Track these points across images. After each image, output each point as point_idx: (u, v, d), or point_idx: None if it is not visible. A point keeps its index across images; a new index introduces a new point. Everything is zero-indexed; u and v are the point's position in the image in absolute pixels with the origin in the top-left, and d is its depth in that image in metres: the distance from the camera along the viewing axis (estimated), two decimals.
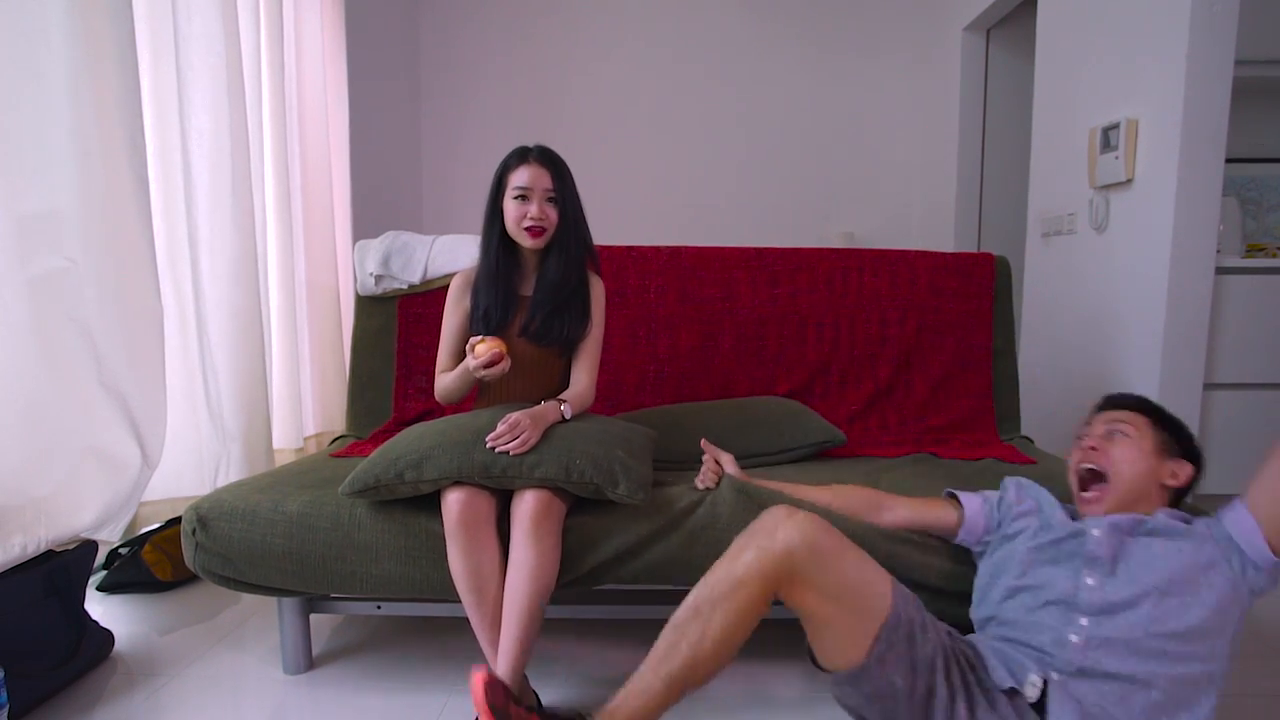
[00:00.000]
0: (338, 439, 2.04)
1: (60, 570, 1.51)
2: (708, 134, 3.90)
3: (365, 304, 2.11)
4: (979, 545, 1.33)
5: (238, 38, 2.03)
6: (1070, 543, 1.15)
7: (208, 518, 1.42)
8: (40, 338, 1.52)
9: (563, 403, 1.48)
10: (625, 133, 3.89)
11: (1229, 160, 2.08)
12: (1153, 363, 2.15)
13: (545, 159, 1.56)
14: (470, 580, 1.31)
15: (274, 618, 1.73)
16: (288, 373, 2.42)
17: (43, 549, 1.51)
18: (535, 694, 1.36)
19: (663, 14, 3.84)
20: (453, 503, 1.33)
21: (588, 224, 1.63)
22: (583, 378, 1.60)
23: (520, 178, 1.54)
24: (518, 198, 1.54)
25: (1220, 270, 2.15)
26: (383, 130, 3.42)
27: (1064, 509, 1.25)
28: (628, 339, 2.10)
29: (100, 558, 1.76)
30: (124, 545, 1.96)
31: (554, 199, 1.55)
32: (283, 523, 1.40)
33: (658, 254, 2.14)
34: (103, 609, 1.83)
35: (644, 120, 3.89)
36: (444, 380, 1.59)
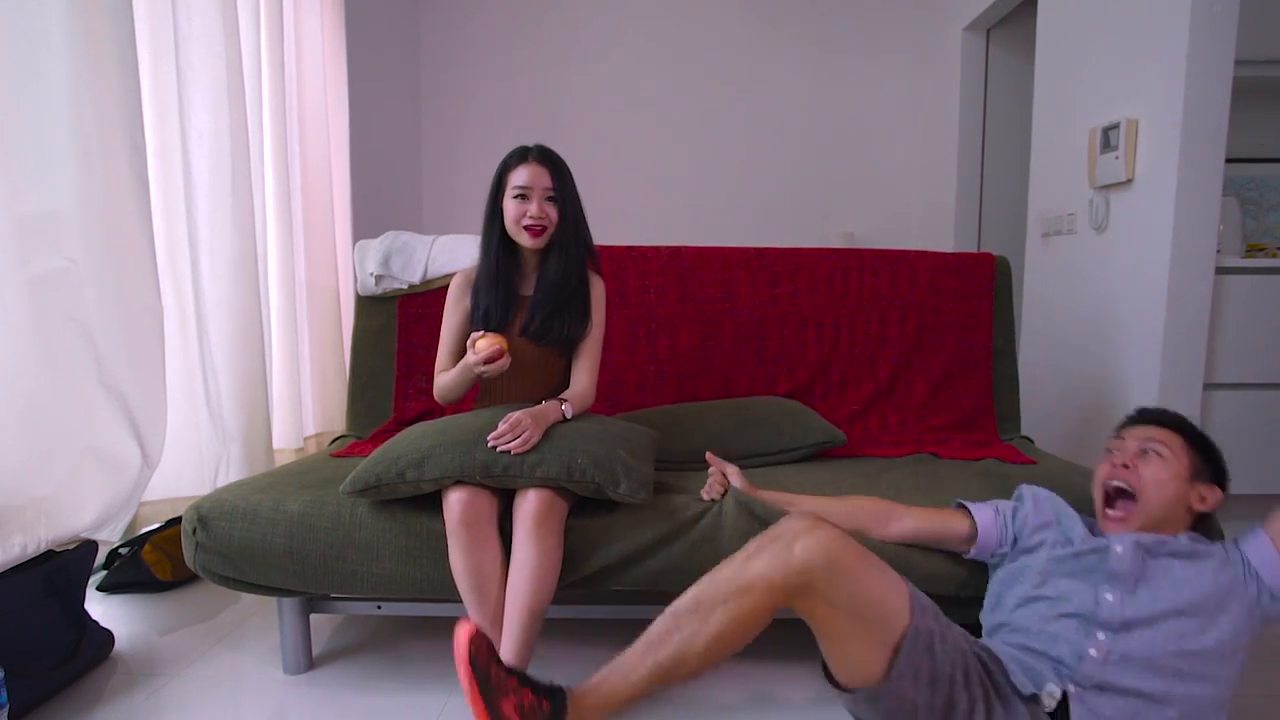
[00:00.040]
0: (338, 439, 2.04)
1: (60, 570, 1.51)
2: (708, 134, 3.90)
3: (365, 304, 2.11)
4: (992, 559, 1.32)
5: (238, 38, 2.03)
6: (1091, 558, 1.14)
7: (208, 517, 1.42)
8: (40, 338, 1.52)
9: (564, 402, 1.48)
10: (625, 133, 3.89)
11: (1229, 160, 2.08)
12: (1153, 363, 2.15)
13: (545, 158, 1.56)
14: (472, 580, 1.31)
15: (274, 618, 1.73)
16: (288, 373, 2.42)
17: (43, 549, 1.51)
18: None
19: (663, 14, 3.84)
20: (454, 502, 1.33)
21: (588, 224, 1.63)
22: (583, 378, 1.60)
23: (520, 177, 1.54)
24: (517, 197, 1.54)
25: (1220, 270, 2.15)
26: (383, 130, 3.42)
27: (1084, 522, 1.24)
28: (628, 339, 2.10)
29: (100, 558, 1.76)
30: (124, 545, 1.96)
31: (554, 198, 1.55)
32: (284, 522, 1.40)
33: (658, 254, 2.14)
34: (103, 609, 1.82)
35: (644, 120, 3.89)
36: (443, 379, 1.59)
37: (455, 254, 2.07)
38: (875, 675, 1.01)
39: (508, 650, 1.26)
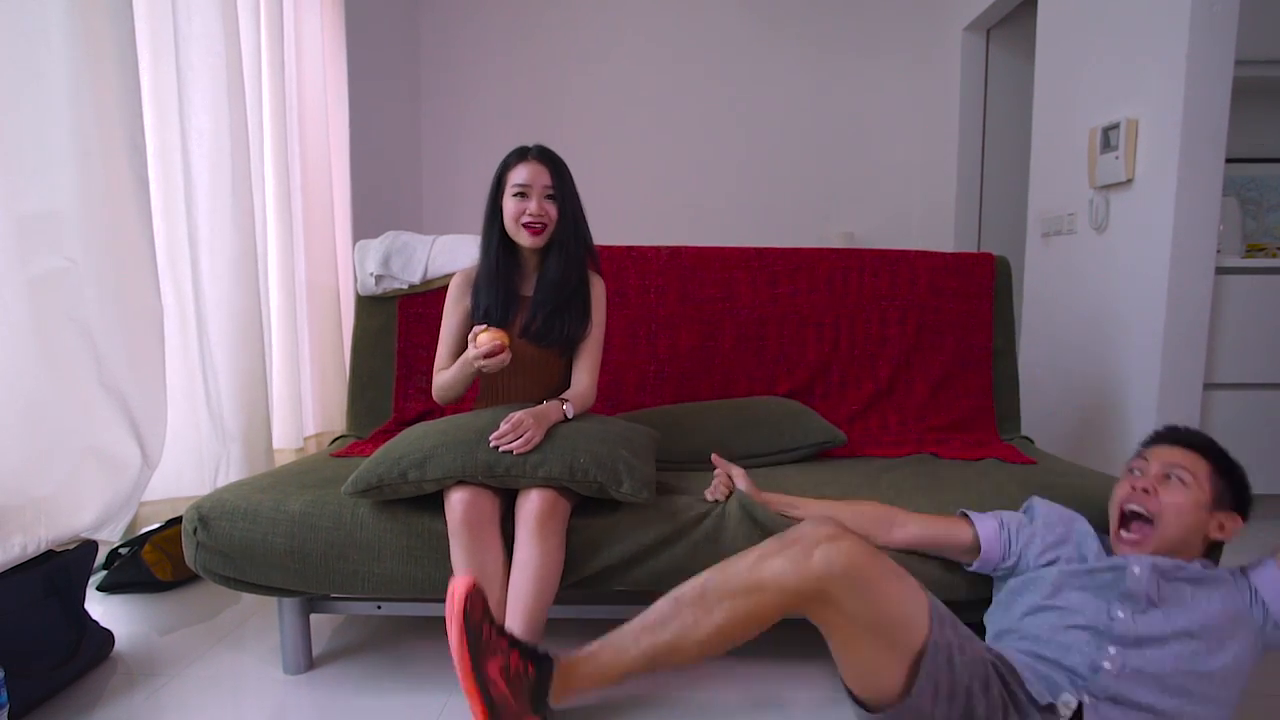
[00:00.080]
0: (338, 439, 2.04)
1: (60, 570, 1.51)
2: (708, 134, 3.90)
3: (365, 304, 2.11)
4: (995, 573, 1.31)
5: (238, 38, 2.03)
6: (1106, 575, 1.13)
7: (209, 517, 1.42)
8: (40, 338, 1.52)
9: (565, 402, 1.48)
10: (625, 133, 3.89)
11: (1229, 160, 2.08)
12: (1153, 363, 2.15)
13: (544, 157, 1.57)
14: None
15: (274, 618, 1.73)
16: (288, 373, 2.42)
17: (43, 549, 1.51)
18: None
19: (662, 14, 3.84)
20: (457, 502, 1.33)
21: (587, 224, 1.64)
22: (584, 378, 1.60)
23: (519, 175, 1.54)
24: (517, 195, 1.54)
25: (1220, 270, 2.15)
26: (383, 130, 3.42)
27: (1099, 539, 1.23)
28: (628, 339, 2.10)
29: (100, 558, 1.75)
30: (124, 545, 1.96)
31: (553, 196, 1.56)
32: (285, 521, 1.40)
33: (658, 254, 2.14)
34: (103, 609, 1.82)
35: (644, 120, 3.89)
36: (442, 377, 1.59)
37: (455, 254, 2.07)
38: (892, 686, 1.00)
39: None
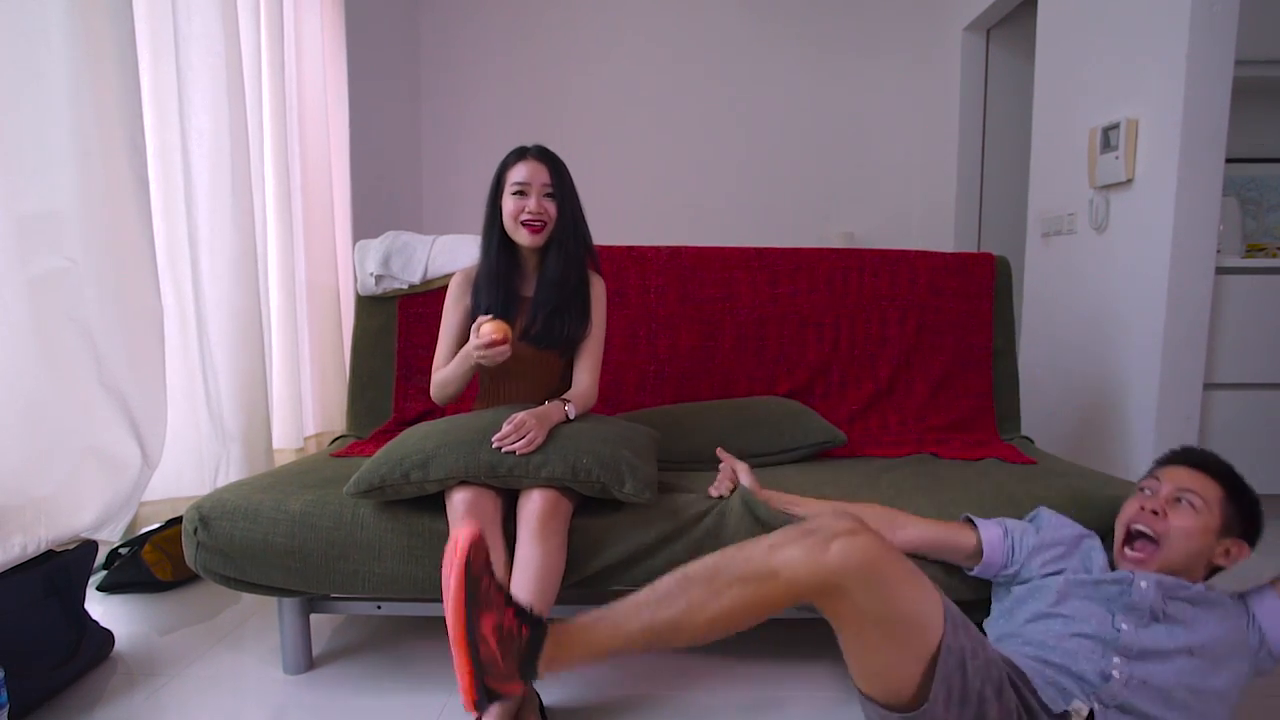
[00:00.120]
0: (338, 439, 2.04)
1: (60, 570, 1.51)
2: (708, 134, 3.90)
3: (365, 304, 2.11)
4: (996, 579, 1.31)
5: (238, 38, 2.03)
6: (1112, 588, 1.14)
7: (209, 517, 1.42)
8: (40, 338, 1.52)
9: (566, 403, 1.48)
10: (625, 133, 3.89)
11: (1229, 160, 2.08)
12: (1153, 363, 2.15)
13: (543, 156, 1.57)
14: None
15: (274, 618, 1.73)
16: (288, 373, 2.42)
17: (43, 549, 1.51)
18: (538, 695, 1.35)
19: (663, 14, 3.84)
20: (459, 502, 1.33)
21: (587, 224, 1.64)
22: (585, 378, 1.60)
23: (518, 174, 1.55)
24: (516, 193, 1.55)
25: (1220, 270, 2.15)
26: (383, 130, 3.42)
27: (1106, 554, 1.23)
28: (628, 339, 2.10)
29: (100, 558, 1.75)
30: (124, 545, 1.96)
31: (552, 194, 1.56)
32: (285, 521, 1.40)
33: (658, 254, 2.14)
34: (103, 609, 1.82)
35: (644, 120, 3.89)
36: (441, 374, 1.59)
37: (455, 254, 2.07)
38: (903, 688, 0.99)
39: None
